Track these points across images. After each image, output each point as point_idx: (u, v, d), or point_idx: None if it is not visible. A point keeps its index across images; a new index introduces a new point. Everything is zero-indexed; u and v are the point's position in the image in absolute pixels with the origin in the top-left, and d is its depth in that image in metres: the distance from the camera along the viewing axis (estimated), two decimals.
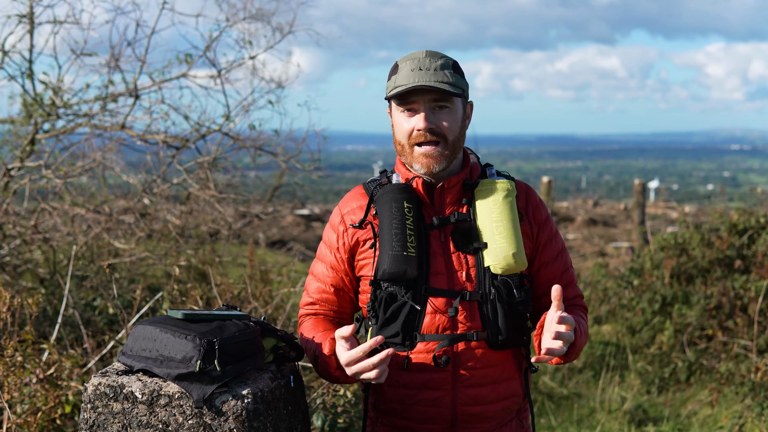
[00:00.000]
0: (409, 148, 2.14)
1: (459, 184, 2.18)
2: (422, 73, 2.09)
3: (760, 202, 9.67)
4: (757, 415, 4.86)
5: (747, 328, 6.07)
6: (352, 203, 2.27)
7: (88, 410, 2.02)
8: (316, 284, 2.29)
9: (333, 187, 24.70)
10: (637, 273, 7.21)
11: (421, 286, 2.13)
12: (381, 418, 2.26)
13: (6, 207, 6.11)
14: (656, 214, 18.68)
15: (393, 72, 2.16)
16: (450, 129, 2.12)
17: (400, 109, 2.14)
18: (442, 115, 2.12)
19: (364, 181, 2.31)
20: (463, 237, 2.16)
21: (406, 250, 2.10)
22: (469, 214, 2.18)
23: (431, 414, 2.16)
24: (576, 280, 2.33)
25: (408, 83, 2.09)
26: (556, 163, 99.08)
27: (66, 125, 6.90)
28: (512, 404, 2.22)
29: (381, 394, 2.23)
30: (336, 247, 2.25)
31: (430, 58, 2.12)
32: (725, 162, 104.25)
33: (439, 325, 2.13)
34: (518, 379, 2.21)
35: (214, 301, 4.82)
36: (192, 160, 7.23)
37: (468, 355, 2.13)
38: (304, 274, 8.72)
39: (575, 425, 5.42)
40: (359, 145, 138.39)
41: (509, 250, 2.10)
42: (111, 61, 6.73)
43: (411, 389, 2.16)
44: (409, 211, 2.14)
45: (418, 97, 2.10)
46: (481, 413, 2.16)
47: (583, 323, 2.21)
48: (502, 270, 2.12)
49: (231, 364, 1.99)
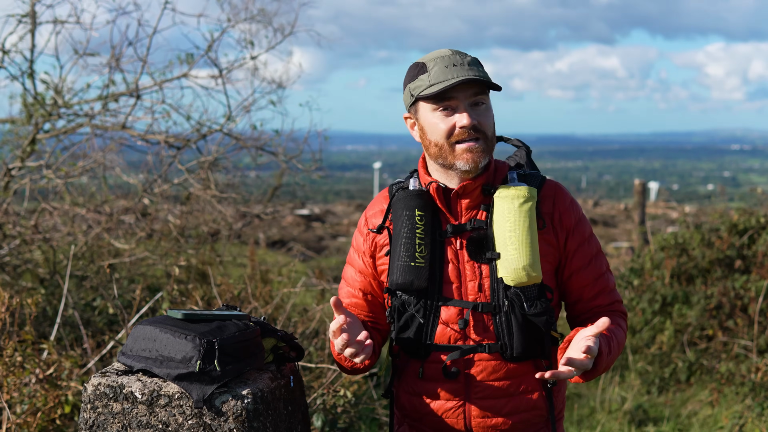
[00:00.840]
0: (449, 147, 2.03)
1: (477, 189, 2.09)
2: (458, 68, 2.00)
3: (761, 202, 9.67)
4: (757, 415, 4.85)
5: (747, 328, 6.07)
6: (375, 206, 2.23)
7: (88, 410, 2.02)
8: (347, 288, 2.25)
9: (333, 187, 24.74)
10: (638, 273, 7.21)
11: (434, 296, 2.09)
12: (406, 419, 2.26)
13: (6, 207, 6.11)
14: (656, 214, 18.68)
15: (419, 72, 2.06)
16: (489, 125, 2.05)
17: (434, 108, 2.04)
18: (481, 111, 2.04)
19: (392, 183, 2.25)
20: (477, 246, 2.08)
21: (414, 260, 2.05)
22: (487, 221, 2.08)
23: (445, 425, 2.13)
24: (613, 285, 2.20)
25: (448, 78, 1.99)
26: (556, 163, 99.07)
27: (67, 125, 6.90)
28: (533, 417, 2.14)
29: (399, 400, 2.23)
30: (362, 251, 2.21)
31: (458, 54, 2.04)
32: (725, 162, 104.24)
33: (451, 336, 2.09)
34: (539, 392, 2.13)
35: (214, 301, 4.82)
36: (193, 160, 7.22)
37: (480, 367, 2.08)
38: (303, 274, 8.73)
39: (575, 425, 5.42)
40: (359, 145, 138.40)
41: (520, 263, 2.01)
42: (112, 61, 6.72)
43: (425, 398, 2.14)
44: (420, 219, 2.08)
45: (458, 94, 2.01)
46: (498, 426, 2.11)
47: (620, 333, 2.12)
48: (513, 282, 2.03)
49: (231, 364, 1.99)
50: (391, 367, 2.25)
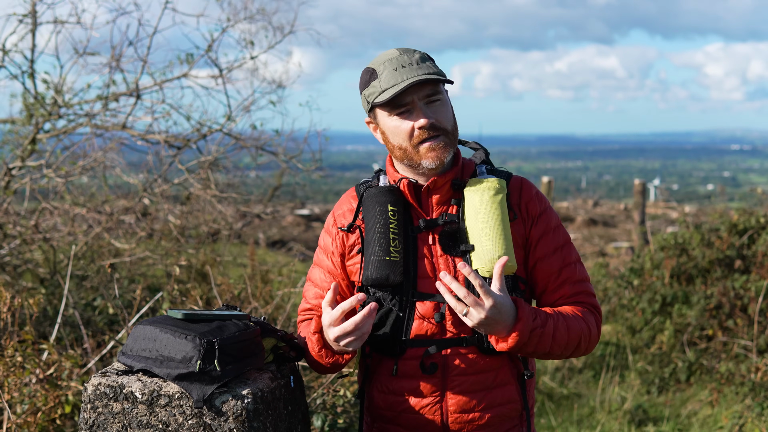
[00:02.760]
0: (413, 149, 2.05)
1: (447, 184, 2.10)
2: (407, 69, 2.00)
3: (760, 202, 9.67)
4: (757, 415, 4.86)
5: (747, 328, 6.07)
6: (343, 206, 2.23)
7: (88, 410, 2.02)
8: (314, 290, 2.24)
9: (333, 187, 24.70)
10: (637, 273, 7.21)
11: (408, 291, 2.07)
12: (376, 423, 2.22)
13: (6, 207, 6.11)
14: (656, 214, 18.68)
15: (371, 78, 2.05)
16: (447, 119, 2.05)
17: (390, 113, 2.05)
18: (437, 108, 2.04)
19: (358, 182, 2.25)
20: (450, 239, 2.08)
21: (389, 254, 2.04)
22: (458, 215, 2.09)
23: (422, 421, 2.10)
24: (582, 277, 2.16)
25: (398, 82, 1.99)
26: (556, 163, 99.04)
27: (67, 125, 6.91)
28: (509, 411, 2.13)
29: (372, 400, 2.19)
30: (331, 251, 2.20)
31: (406, 54, 2.03)
32: (725, 162, 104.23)
33: (427, 331, 2.07)
34: (514, 385, 2.12)
35: (214, 301, 4.83)
36: (193, 159, 7.23)
37: (457, 361, 2.07)
38: (303, 274, 8.72)
39: (575, 425, 5.42)
40: (359, 145, 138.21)
41: (496, 252, 2.00)
42: (112, 60, 6.73)
43: (400, 396, 2.11)
44: (393, 215, 2.07)
45: (411, 96, 2.00)
46: (474, 420, 2.09)
47: (575, 321, 2.05)
48: (489, 273, 2.01)
49: (231, 364, 1.99)
50: (362, 368, 2.22)
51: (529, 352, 2.02)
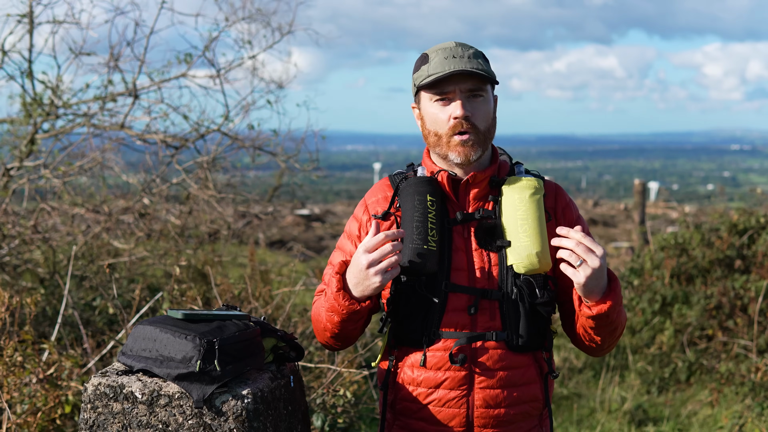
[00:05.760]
0: (446, 138, 2.09)
1: (485, 180, 2.13)
2: (456, 60, 2.05)
3: (760, 202, 9.68)
4: (757, 415, 4.85)
5: (747, 328, 6.07)
6: (377, 194, 2.24)
7: (88, 410, 2.01)
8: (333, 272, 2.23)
9: (333, 187, 24.71)
10: (637, 273, 7.21)
11: (442, 282, 2.09)
12: (397, 420, 2.21)
13: (5, 207, 6.10)
14: (656, 214, 18.69)
15: (422, 62, 2.11)
16: (483, 118, 2.09)
17: (433, 99, 2.10)
18: (477, 104, 2.08)
19: (391, 173, 2.27)
20: (487, 234, 2.11)
21: (427, 243, 2.04)
22: (494, 211, 2.12)
23: (446, 415, 2.11)
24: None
25: (444, 70, 2.04)
26: (556, 163, 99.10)
27: (65, 125, 6.89)
28: (531, 409, 2.15)
29: (397, 392, 2.19)
30: (357, 236, 2.21)
31: (461, 47, 2.10)
32: (725, 162, 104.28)
33: (458, 323, 2.09)
34: (538, 384, 2.14)
35: (214, 301, 4.82)
36: (191, 159, 7.22)
37: (486, 355, 2.08)
38: (304, 274, 8.72)
39: (575, 425, 5.42)
40: (359, 145, 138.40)
41: (533, 249, 2.03)
42: (110, 60, 6.72)
43: (427, 387, 2.12)
44: (432, 205, 2.09)
45: (453, 85, 2.06)
46: (499, 416, 2.10)
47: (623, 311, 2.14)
48: (524, 269, 2.05)
49: (231, 364, 1.99)
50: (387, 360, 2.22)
51: (612, 320, 2.04)
